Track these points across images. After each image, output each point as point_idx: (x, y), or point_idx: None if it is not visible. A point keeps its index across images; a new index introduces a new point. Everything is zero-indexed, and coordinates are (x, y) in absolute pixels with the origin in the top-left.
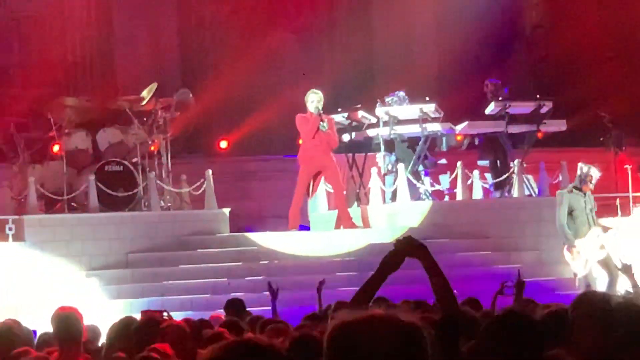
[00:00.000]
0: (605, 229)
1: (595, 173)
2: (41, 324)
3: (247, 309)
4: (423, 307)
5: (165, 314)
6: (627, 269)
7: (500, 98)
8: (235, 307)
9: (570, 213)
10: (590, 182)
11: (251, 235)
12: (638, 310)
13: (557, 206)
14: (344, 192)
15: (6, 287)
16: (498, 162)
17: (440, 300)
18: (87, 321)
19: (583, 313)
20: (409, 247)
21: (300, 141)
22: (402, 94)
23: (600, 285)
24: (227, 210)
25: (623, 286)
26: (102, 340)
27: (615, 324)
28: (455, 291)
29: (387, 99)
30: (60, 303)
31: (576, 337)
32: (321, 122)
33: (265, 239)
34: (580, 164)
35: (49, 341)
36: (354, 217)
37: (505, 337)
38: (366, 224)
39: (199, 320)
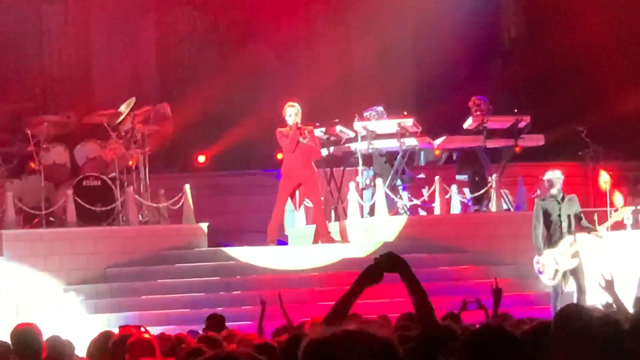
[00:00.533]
0: (591, 230)
1: (553, 175)
2: None
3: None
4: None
5: (142, 329)
6: (609, 285)
7: (479, 113)
8: (215, 322)
9: (546, 220)
10: (554, 185)
11: (229, 250)
12: (617, 325)
13: (533, 215)
14: (322, 207)
15: None
16: (476, 176)
17: (420, 316)
18: (64, 336)
19: (561, 327)
20: (389, 262)
21: (280, 155)
22: (380, 108)
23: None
24: (205, 225)
25: (594, 297)
26: (77, 354)
27: (593, 338)
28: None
29: (366, 114)
30: (38, 318)
31: (554, 351)
32: (300, 137)
33: (244, 254)
34: (547, 172)
35: (5, 354)
36: (332, 232)
37: (482, 353)
38: (344, 238)
39: (175, 336)
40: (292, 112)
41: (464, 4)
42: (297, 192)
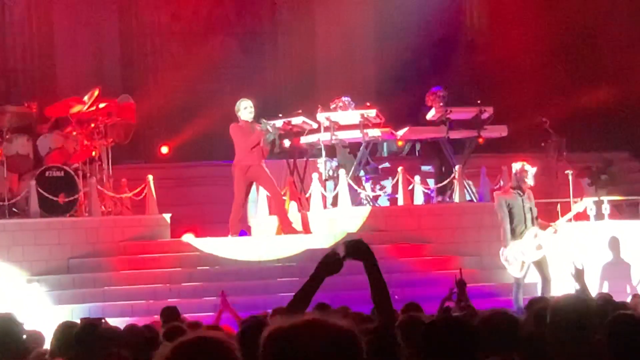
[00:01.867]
0: (545, 226)
1: (529, 168)
2: None
3: (188, 315)
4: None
5: (102, 321)
6: (579, 274)
7: (441, 104)
8: (169, 314)
9: (509, 213)
10: (527, 178)
11: (192, 241)
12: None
13: (497, 209)
14: (282, 198)
15: None
16: (441, 167)
17: (378, 306)
18: (29, 327)
19: (559, 318)
20: (355, 249)
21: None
22: (348, 99)
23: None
24: (167, 216)
25: (558, 288)
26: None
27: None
28: (396, 297)
29: (332, 105)
30: (2, 308)
31: (550, 343)
32: (268, 135)
33: (206, 245)
34: (513, 164)
35: None
36: (294, 223)
37: (439, 343)
38: (306, 229)
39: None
40: (248, 105)
41: None
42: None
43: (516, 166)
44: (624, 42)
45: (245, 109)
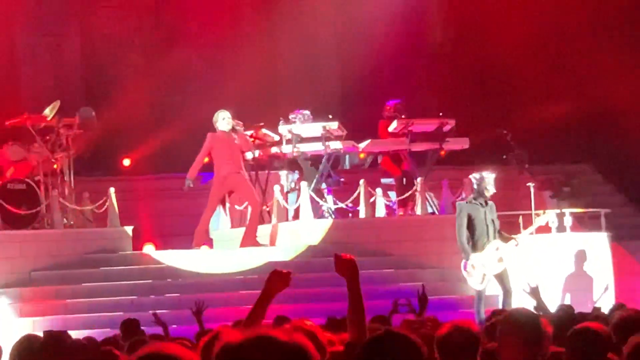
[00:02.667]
0: (507, 239)
1: (488, 175)
2: None
3: (150, 327)
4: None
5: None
6: (534, 292)
7: (402, 116)
8: (129, 327)
9: (470, 224)
10: (488, 187)
11: (154, 253)
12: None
13: (456, 218)
14: (259, 210)
15: None
16: (404, 179)
17: (352, 323)
18: None
19: (510, 330)
20: (344, 265)
21: (206, 159)
22: (307, 112)
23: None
24: (130, 229)
25: (520, 301)
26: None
27: (543, 340)
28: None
29: (291, 117)
30: None
31: (502, 354)
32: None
33: (169, 257)
34: (471, 176)
35: None
36: (260, 235)
37: (380, 357)
38: (270, 242)
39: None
40: (227, 116)
41: (390, 8)
42: (226, 198)
43: (475, 176)
44: (586, 55)
45: (223, 120)
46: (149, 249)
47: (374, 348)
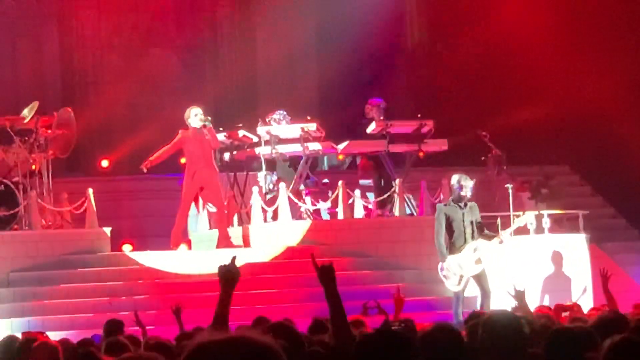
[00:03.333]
0: (490, 237)
1: (466, 180)
2: None
3: (128, 328)
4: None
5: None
6: (519, 296)
7: (382, 117)
8: (112, 327)
9: (449, 226)
10: (464, 190)
11: (132, 254)
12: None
13: (435, 220)
14: (225, 211)
15: None
16: (380, 181)
17: (335, 329)
18: None
19: (492, 334)
20: (325, 273)
21: (183, 160)
22: (282, 112)
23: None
24: (108, 230)
25: (498, 302)
26: None
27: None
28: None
29: (268, 118)
30: None
31: (482, 356)
32: (207, 120)
33: (147, 258)
34: (453, 175)
35: None
36: (235, 237)
37: (373, 356)
38: (247, 243)
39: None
40: (199, 112)
41: (367, 9)
42: (199, 196)
43: (453, 179)
44: (564, 57)
45: (195, 116)
46: (126, 249)
47: (368, 347)
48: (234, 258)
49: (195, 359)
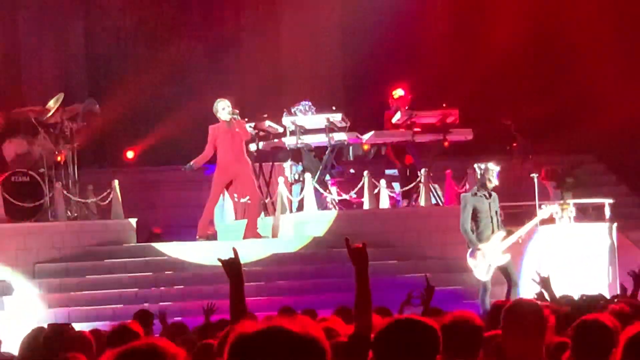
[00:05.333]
0: (510, 233)
1: (493, 166)
2: None
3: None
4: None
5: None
6: (545, 282)
7: (406, 107)
8: (142, 318)
9: (475, 216)
10: (491, 178)
11: (158, 245)
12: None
13: (461, 210)
14: (259, 202)
15: None
16: (406, 171)
17: (358, 314)
18: None
19: (514, 321)
20: (357, 254)
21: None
22: (307, 103)
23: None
24: (134, 221)
25: (525, 292)
26: (4, 349)
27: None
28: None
29: (293, 109)
30: None
31: (506, 344)
32: (234, 113)
33: (173, 249)
34: (475, 165)
35: None
36: (261, 227)
37: (397, 343)
38: (273, 234)
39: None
40: (226, 105)
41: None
42: (226, 189)
43: (480, 166)
44: (588, 46)
45: (223, 110)
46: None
47: (391, 334)
48: (235, 250)
49: (239, 349)
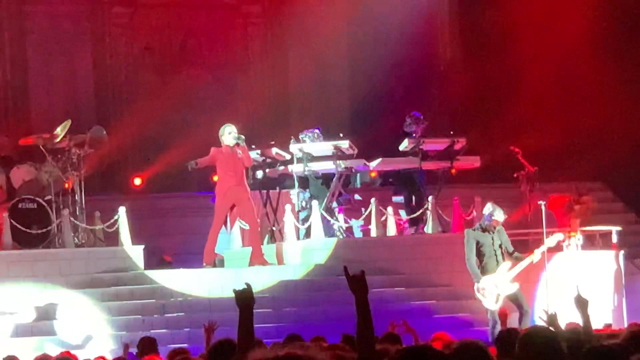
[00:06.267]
0: (522, 259)
1: (500, 216)
2: None
3: (161, 347)
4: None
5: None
6: (552, 320)
7: (414, 135)
8: (147, 345)
9: (479, 250)
10: (494, 221)
11: (165, 272)
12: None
13: (464, 244)
14: (258, 229)
15: None
16: (413, 198)
17: (361, 341)
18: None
19: (530, 349)
20: (356, 282)
21: (216, 177)
22: (316, 132)
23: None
24: (141, 247)
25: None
26: None
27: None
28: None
29: (301, 136)
30: None
31: None
32: (240, 138)
33: (179, 276)
34: (488, 204)
35: None
36: (268, 254)
37: None
38: (280, 260)
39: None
40: (233, 130)
41: (399, 26)
42: (228, 214)
43: (487, 208)
44: (595, 73)
45: (229, 134)
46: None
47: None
48: (248, 285)
49: None
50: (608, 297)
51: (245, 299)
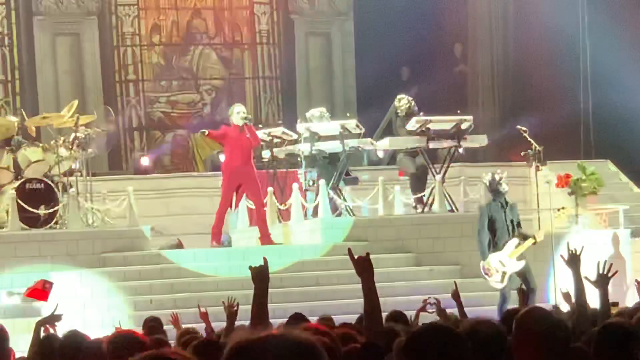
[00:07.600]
0: (526, 238)
1: (498, 175)
2: None
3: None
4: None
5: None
6: (566, 297)
7: (421, 113)
8: (152, 326)
9: (492, 226)
10: (500, 184)
11: (173, 252)
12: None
13: (478, 220)
14: (265, 208)
15: None
16: (420, 177)
17: (368, 322)
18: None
19: (527, 329)
20: (362, 264)
21: (223, 157)
22: (323, 109)
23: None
24: (148, 227)
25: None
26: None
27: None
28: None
29: (308, 115)
30: None
31: (517, 352)
32: (248, 118)
33: (187, 256)
34: (483, 180)
35: None
36: (275, 234)
37: (425, 351)
38: (287, 240)
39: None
40: (241, 110)
41: (406, 6)
42: (234, 193)
43: (487, 176)
44: (602, 51)
45: (237, 114)
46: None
47: (419, 342)
48: (265, 260)
49: (237, 357)
50: (616, 277)
51: (261, 275)
